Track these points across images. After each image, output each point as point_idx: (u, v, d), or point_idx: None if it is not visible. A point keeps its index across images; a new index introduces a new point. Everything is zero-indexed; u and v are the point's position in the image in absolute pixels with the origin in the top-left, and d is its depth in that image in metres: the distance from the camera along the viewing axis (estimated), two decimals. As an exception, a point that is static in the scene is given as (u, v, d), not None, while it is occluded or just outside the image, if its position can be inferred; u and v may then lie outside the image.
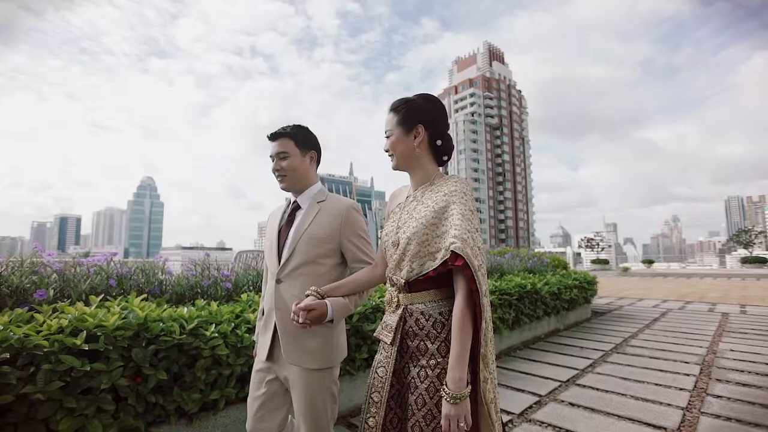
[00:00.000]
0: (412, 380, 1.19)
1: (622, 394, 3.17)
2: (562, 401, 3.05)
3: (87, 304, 2.20)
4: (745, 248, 35.07)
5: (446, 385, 1.08)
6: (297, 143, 1.60)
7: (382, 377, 1.23)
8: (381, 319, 1.48)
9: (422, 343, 1.19)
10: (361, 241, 1.57)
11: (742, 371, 3.76)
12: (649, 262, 29.64)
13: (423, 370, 1.17)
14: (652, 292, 11.50)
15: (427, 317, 1.20)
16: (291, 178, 1.60)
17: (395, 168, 1.35)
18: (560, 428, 2.58)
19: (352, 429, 2.61)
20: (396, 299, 1.26)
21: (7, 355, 1.61)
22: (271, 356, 1.53)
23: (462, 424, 1.05)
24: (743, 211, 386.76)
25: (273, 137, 1.60)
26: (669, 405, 2.94)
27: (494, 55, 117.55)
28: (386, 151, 1.35)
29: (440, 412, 1.10)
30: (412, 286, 1.22)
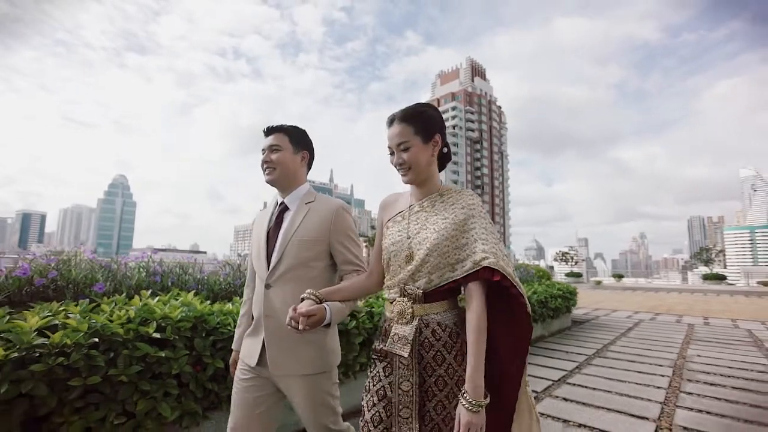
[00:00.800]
0: (429, 388, 1.18)
1: (608, 391, 3.55)
2: (557, 396, 3.40)
3: (139, 297, 2.39)
4: (705, 265, 37.15)
5: (467, 393, 1.08)
6: (291, 140, 1.57)
7: (407, 391, 1.19)
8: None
9: (438, 353, 1.18)
10: (352, 243, 1.53)
11: (709, 373, 4.24)
12: (619, 276, 31.01)
13: (441, 379, 1.17)
14: (624, 304, 12.19)
15: (443, 327, 1.20)
16: (279, 172, 1.54)
17: (411, 182, 1.29)
18: (558, 418, 2.92)
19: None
20: (410, 310, 1.22)
21: (96, 340, 1.81)
22: (261, 362, 1.47)
23: None
24: (704, 230, 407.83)
25: (268, 131, 1.57)
26: (649, 400, 3.33)
27: (476, 71, 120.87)
28: (400, 164, 1.26)
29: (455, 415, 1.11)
30: (427, 296, 1.21)
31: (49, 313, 1.94)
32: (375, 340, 1.34)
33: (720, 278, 26.51)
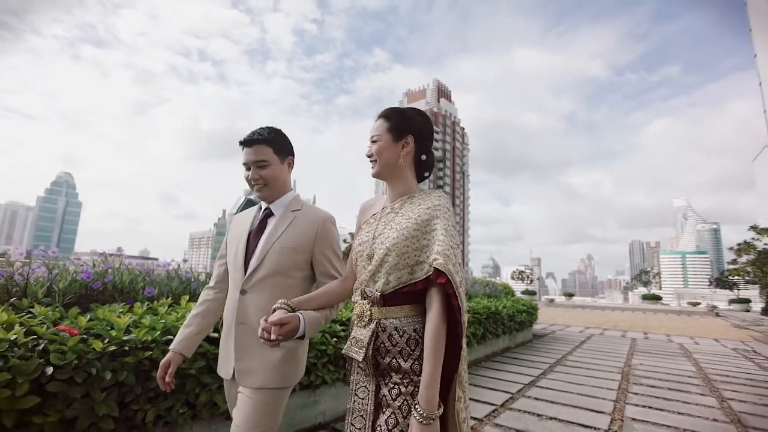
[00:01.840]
0: (383, 398, 1.13)
1: (570, 392, 4.15)
2: (529, 397, 3.94)
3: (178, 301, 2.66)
4: (644, 286, 40.47)
5: (418, 404, 1.03)
6: (275, 150, 1.51)
7: (363, 399, 1.17)
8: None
9: (395, 360, 1.13)
10: (334, 255, 1.50)
11: (650, 377, 5.00)
12: (570, 295, 33.11)
13: (396, 387, 1.12)
14: (576, 321, 13.27)
15: (401, 333, 1.14)
16: (271, 188, 1.51)
17: (376, 175, 1.30)
18: (533, 413, 3.45)
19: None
20: (369, 313, 1.18)
21: (171, 337, 2.10)
22: (233, 374, 1.40)
23: None
24: (643, 254, 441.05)
25: (249, 143, 1.48)
26: (603, 399, 3.96)
27: (442, 93, 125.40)
28: (369, 156, 1.30)
29: None
30: (386, 299, 1.17)
31: (119, 314, 2.20)
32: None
33: (656, 298, 29.07)
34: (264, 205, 1.56)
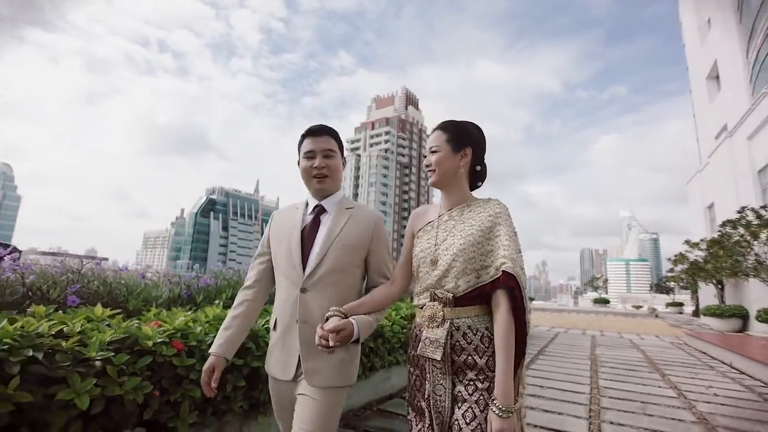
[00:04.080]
0: (459, 394, 1.18)
1: (557, 372, 5.43)
2: (528, 375, 5.15)
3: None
4: (594, 291, 44.07)
5: (496, 399, 1.10)
6: (338, 144, 1.53)
7: (440, 396, 1.21)
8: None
9: (470, 357, 1.19)
10: (389, 255, 1.53)
11: (611, 362, 6.45)
12: (531, 299, 35.61)
13: (472, 383, 1.18)
14: (541, 322, 14.94)
15: (474, 331, 1.21)
16: (333, 179, 1.51)
17: (434, 184, 1.36)
18: (535, 385, 4.67)
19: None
20: (441, 314, 1.24)
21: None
22: (295, 375, 1.37)
23: None
24: (592, 261, 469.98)
25: (318, 132, 1.49)
26: (581, 376, 5.28)
27: (410, 100, 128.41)
28: (427, 166, 1.36)
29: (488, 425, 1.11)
30: (458, 300, 1.23)
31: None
32: (408, 348, 1.38)
33: (606, 302, 32.11)
34: (313, 202, 1.53)
